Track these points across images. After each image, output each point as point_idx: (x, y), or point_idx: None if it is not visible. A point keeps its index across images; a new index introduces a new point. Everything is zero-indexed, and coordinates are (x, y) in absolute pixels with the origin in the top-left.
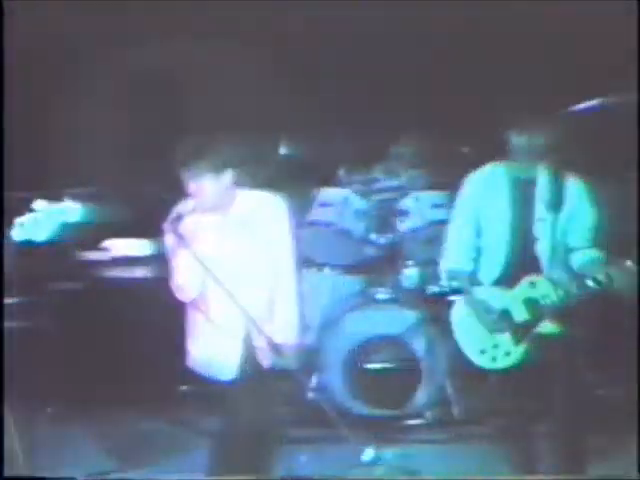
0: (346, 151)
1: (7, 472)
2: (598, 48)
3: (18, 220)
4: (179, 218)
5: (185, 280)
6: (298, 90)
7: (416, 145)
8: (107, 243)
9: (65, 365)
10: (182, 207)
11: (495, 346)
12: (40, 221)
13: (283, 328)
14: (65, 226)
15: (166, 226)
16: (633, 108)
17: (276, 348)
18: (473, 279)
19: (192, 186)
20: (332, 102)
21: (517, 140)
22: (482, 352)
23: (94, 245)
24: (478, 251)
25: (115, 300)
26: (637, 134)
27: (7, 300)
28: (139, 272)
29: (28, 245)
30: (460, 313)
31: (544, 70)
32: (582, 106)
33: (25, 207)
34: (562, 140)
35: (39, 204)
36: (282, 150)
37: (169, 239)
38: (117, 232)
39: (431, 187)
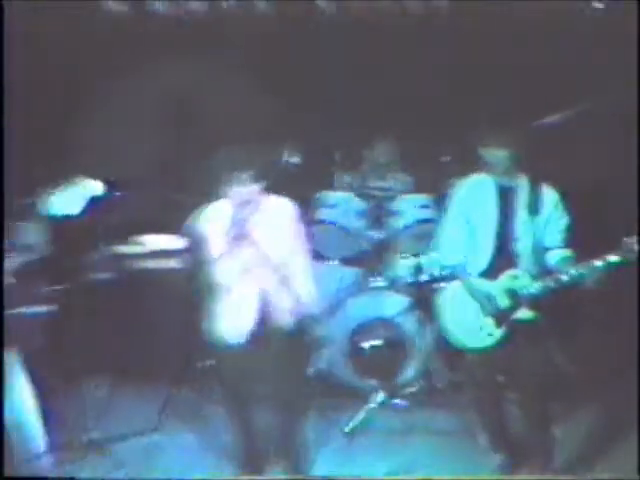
0: (342, 159)
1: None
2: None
3: (50, 194)
4: (244, 221)
5: (230, 268)
6: (300, 106)
7: (403, 154)
8: (140, 238)
9: (105, 344)
10: (243, 213)
11: (480, 328)
12: (70, 196)
13: (305, 296)
14: (94, 199)
15: (229, 226)
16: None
17: (300, 312)
18: (464, 271)
19: (238, 192)
20: (331, 117)
21: (489, 156)
22: (468, 333)
23: (127, 239)
24: (467, 247)
25: (146, 288)
26: (637, 135)
27: (54, 287)
28: (168, 263)
29: (62, 219)
30: (448, 299)
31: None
32: (550, 119)
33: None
34: (531, 153)
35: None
36: (289, 159)
37: (229, 235)
38: (147, 228)
39: (418, 191)
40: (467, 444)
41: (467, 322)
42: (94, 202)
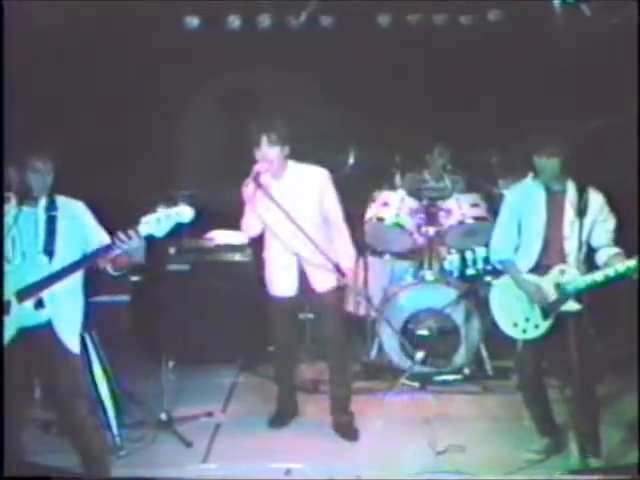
0: (401, 161)
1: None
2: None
3: (144, 218)
4: (259, 173)
5: (253, 220)
6: (364, 110)
7: (455, 156)
8: (211, 233)
9: (178, 331)
10: (258, 167)
11: (526, 320)
12: (161, 220)
13: (344, 256)
14: (179, 225)
15: (249, 179)
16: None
17: (338, 270)
18: (513, 266)
19: (261, 153)
20: (391, 120)
21: (540, 164)
22: (515, 325)
23: (201, 234)
24: (518, 245)
25: (216, 278)
26: (637, 137)
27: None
28: (236, 256)
29: (150, 239)
30: (497, 292)
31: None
32: (591, 124)
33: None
34: (578, 159)
35: (161, 207)
36: (350, 159)
37: (249, 188)
38: (218, 225)
39: (468, 190)
40: (515, 428)
41: (515, 314)
42: (179, 226)
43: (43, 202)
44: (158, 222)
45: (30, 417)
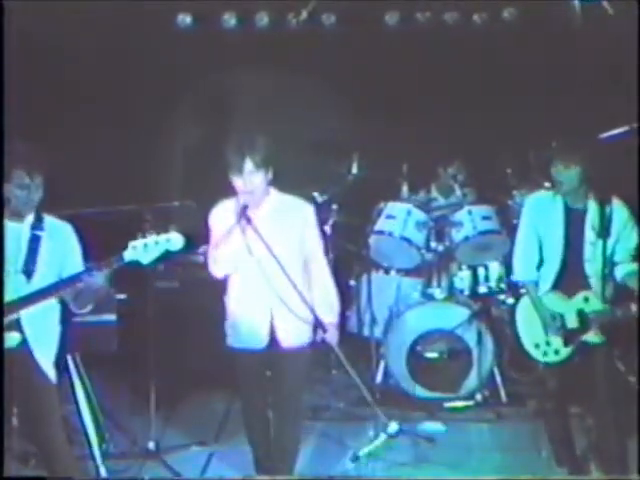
0: (408, 172)
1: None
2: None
3: (131, 243)
4: (245, 208)
5: (227, 258)
6: (369, 121)
7: (466, 167)
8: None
9: (168, 353)
10: (243, 199)
11: (548, 343)
12: (149, 247)
13: (326, 307)
14: (168, 253)
15: (237, 212)
16: None
17: (319, 323)
18: (533, 287)
19: (239, 181)
20: (396, 130)
21: (558, 174)
22: (536, 346)
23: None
24: (538, 263)
25: (207, 296)
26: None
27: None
28: None
29: (135, 265)
30: (521, 311)
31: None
32: (612, 133)
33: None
34: (598, 169)
35: (150, 233)
36: (354, 169)
37: (227, 221)
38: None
39: (480, 202)
40: (531, 459)
41: (538, 334)
42: (167, 254)
43: (30, 219)
44: (145, 248)
45: (7, 447)
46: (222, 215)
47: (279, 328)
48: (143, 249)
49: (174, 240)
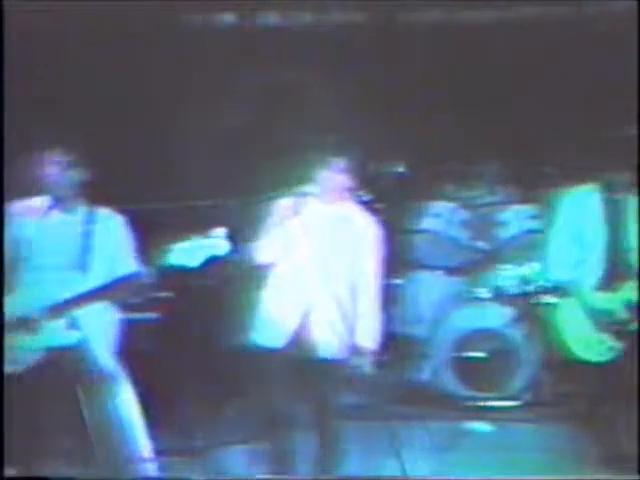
0: (453, 170)
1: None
2: None
3: (177, 245)
4: (305, 195)
5: (276, 243)
6: (413, 119)
7: (510, 165)
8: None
9: (211, 351)
10: (309, 188)
11: (600, 342)
12: (194, 250)
13: (367, 333)
14: (212, 258)
15: (292, 200)
16: None
17: (355, 349)
18: (578, 285)
19: (332, 177)
20: (441, 130)
21: (599, 171)
22: (588, 347)
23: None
24: (579, 261)
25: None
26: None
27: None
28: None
29: (178, 269)
30: (565, 313)
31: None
32: None
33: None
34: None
35: (194, 236)
36: (399, 168)
37: (285, 208)
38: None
39: (526, 200)
40: (578, 461)
41: (587, 336)
42: (213, 258)
43: (82, 212)
44: (191, 252)
45: (54, 446)
46: (284, 206)
47: (310, 332)
48: (189, 252)
49: (219, 245)
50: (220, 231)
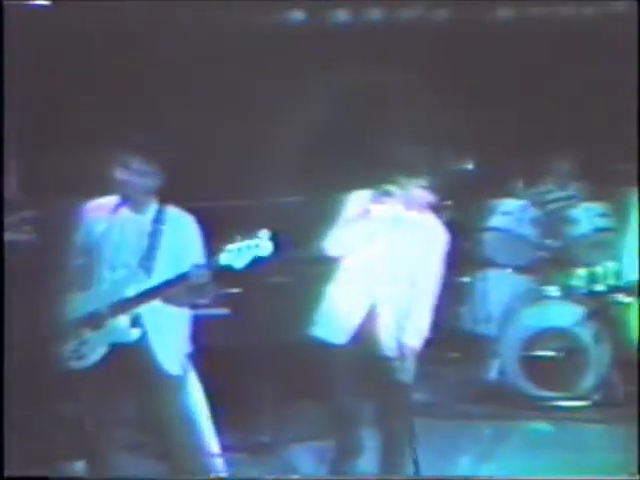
0: (523, 168)
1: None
2: None
3: (227, 247)
4: (385, 194)
5: (349, 237)
6: (483, 111)
7: (581, 162)
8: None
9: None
10: (388, 189)
11: None
12: (242, 251)
13: (416, 331)
14: (258, 259)
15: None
16: None
17: (401, 349)
18: None
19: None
20: (511, 127)
21: None
22: None
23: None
24: None
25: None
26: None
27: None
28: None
29: (227, 269)
30: (637, 312)
31: None
32: None
33: None
34: None
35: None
36: (468, 165)
37: (361, 205)
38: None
39: (596, 198)
40: None
41: None
42: (259, 260)
43: (152, 211)
44: (239, 253)
45: (117, 438)
46: (360, 203)
47: (371, 329)
48: (237, 254)
49: (263, 246)
50: (264, 232)
